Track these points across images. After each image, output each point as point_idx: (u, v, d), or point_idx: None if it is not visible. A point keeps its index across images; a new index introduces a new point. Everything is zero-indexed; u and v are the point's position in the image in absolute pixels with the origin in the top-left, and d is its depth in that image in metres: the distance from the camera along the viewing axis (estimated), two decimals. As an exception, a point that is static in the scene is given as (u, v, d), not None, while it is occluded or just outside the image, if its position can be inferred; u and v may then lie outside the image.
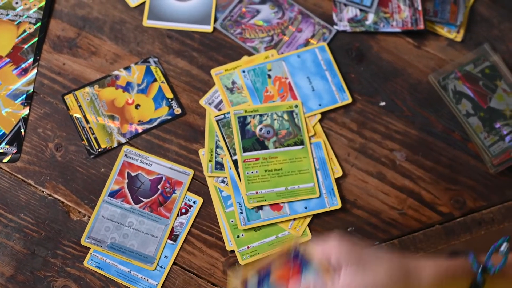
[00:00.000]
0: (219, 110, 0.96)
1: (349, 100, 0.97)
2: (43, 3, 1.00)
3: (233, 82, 0.97)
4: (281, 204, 0.91)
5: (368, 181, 0.95)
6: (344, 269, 0.72)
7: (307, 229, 0.91)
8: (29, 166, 0.93)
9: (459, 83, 0.99)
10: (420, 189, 0.95)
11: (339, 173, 0.94)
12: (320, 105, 0.97)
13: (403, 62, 1.00)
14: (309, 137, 0.94)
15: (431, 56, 1.01)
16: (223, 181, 0.92)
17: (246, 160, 0.91)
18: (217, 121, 0.93)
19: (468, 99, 0.99)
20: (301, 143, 0.93)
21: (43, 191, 0.92)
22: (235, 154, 0.92)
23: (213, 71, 0.97)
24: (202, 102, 0.96)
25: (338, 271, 0.72)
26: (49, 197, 0.91)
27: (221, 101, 0.96)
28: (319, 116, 0.96)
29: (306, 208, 0.91)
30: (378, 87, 0.99)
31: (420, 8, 1.01)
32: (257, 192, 0.91)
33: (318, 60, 0.99)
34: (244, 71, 0.97)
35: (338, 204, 0.92)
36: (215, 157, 0.93)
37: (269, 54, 0.99)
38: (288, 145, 0.93)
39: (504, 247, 0.76)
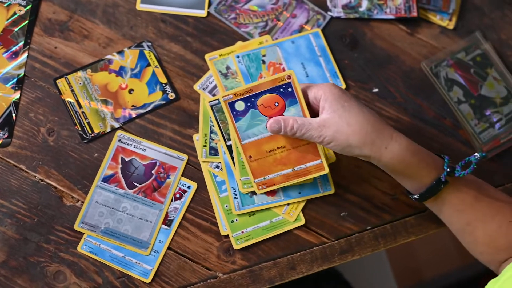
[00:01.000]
0: (213, 95, 0.95)
1: (342, 86, 0.97)
2: (33, -15, 0.98)
3: (227, 68, 0.96)
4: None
5: (361, 166, 0.95)
6: (326, 110, 0.80)
7: (301, 214, 0.92)
8: (21, 151, 0.91)
9: (451, 71, 1.00)
10: (412, 175, 0.96)
11: (332, 158, 0.94)
12: (313, 91, 0.96)
13: (396, 49, 1.01)
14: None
15: (424, 44, 1.01)
16: (217, 166, 0.92)
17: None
18: (211, 106, 0.93)
19: (460, 86, 0.99)
20: None
21: (35, 176, 0.91)
22: (229, 139, 0.91)
23: (207, 56, 0.97)
24: (196, 87, 0.95)
25: (321, 112, 0.81)
26: (42, 182, 0.90)
27: (215, 86, 0.96)
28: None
29: (299, 193, 0.92)
30: (372, 74, 0.99)
31: (413, -5, 1.01)
32: (251, 177, 0.91)
33: (312, 46, 0.99)
34: (238, 56, 0.96)
35: (331, 190, 0.93)
36: (209, 142, 0.92)
37: (263, 39, 0.98)
38: None
39: (476, 156, 0.81)
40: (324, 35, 0.99)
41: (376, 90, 0.98)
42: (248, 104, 0.85)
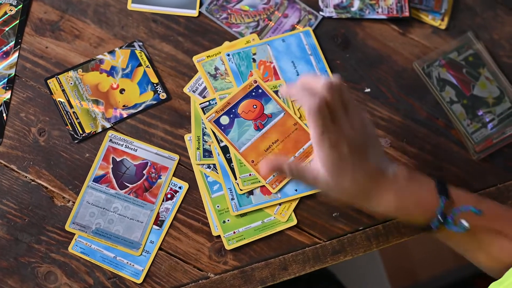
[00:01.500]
0: (204, 97, 0.95)
1: None
2: (24, -15, 0.98)
3: (216, 68, 0.96)
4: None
5: (353, 167, 0.95)
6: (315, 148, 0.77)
7: (293, 214, 0.91)
8: (12, 151, 0.91)
9: (443, 71, 1.00)
10: (404, 175, 0.95)
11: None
12: (304, 90, 0.96)
13: (388, 49, 1.00)
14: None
15: (416, 44, 1.01)
16: (208, 166, 0.91)
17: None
18: (202, 108, 0.92)
19: (452, 86, 0.99)
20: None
21: (26, 177, 0.90)
22: (222, 140, 0.91)
23: (195, 58, 0.96)
24: (186, 90, 0.95)
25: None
26: (33, 183, 0.90)
27: (205, 88, 0.95)
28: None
29: (296, 190, 0.91)
30: (363, 74, 0.99)
31: (405, -5, 1.01)
32: (250, 175, 0.90)
33: (303, 45, 0.98)
34: (228, 55, 0.96)
35: (327, 186, 0.92)
36: (203, 145, 0.92)
37: (250, 38, 0.98)
38: None
39: (465, 222, 0.78)
40: (315, 35, 0.99)
41: (368, 90, 0.98)
42: (231, 115, 0.92)
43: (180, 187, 0.91)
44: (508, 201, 0.96)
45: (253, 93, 0.92)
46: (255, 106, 0.92)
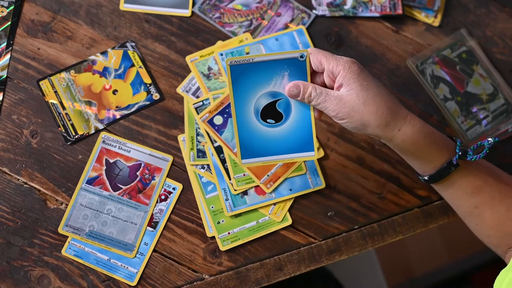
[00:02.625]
0: (197, 97, 0.91)
1: None
2: (16, -14, 0.94)
3: (209, 68, 0.92)
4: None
5: (348, 165, 0.91)
6: (344, 87, 0.75)
7: (288, 214, 0.88)
8: (4, 154, 0.87)
9: (437, 68, 0.96)
10: (398, 173, 0.92)
11: (320, 153, 0.90)
12: (297, 89, 0.93)
13: (381, 47, 0.97)
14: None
15: (409, 41, 0.98)
16: (202, 167, 0.88)
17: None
18: (195, 108, 0.89)
19: (446, 83, 0.96)
20: None
21: (18, 179, 0.87)
22: (216, 140, 0.88)
23: (188, 58, 0.93)
24: (179, 90, 0.91)
25: (338, 88, 0.76)
26: (25, 185, 0.86)
27: (198, 88, 0.92)
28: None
29: (290, 190, 0.88)
30: (357, 72, 0.95)
31: (398, -8, 0.97)
32: (244, 175, 0.87)
33: (296, 43, 0.95)
34: (222, 54, 0.92)
35: (322, 184, 0.89)
36: (197, 145, 0.88)
37: (243, 37, 0.94)
38: None
39: (490, 141, 0.76)
40: (309, 33, 0.96)
41: (362, 88, 0.95)
42: (225, 115, 0.88)
43: (174, 188, 0.88)
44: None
45: None
46: None
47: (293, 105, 0.80)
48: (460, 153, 0.76)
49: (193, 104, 0.89)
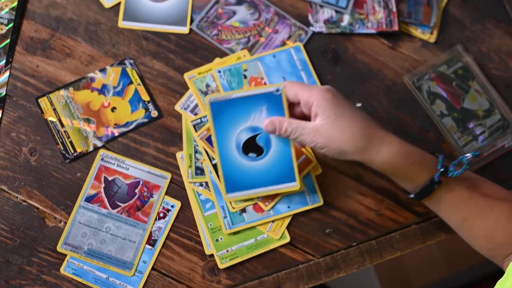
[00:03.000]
0: (195, 114, 0.91)
1: None
2: (15, 3, 0.93)
3: (207, 85, 0.92)
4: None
5: (345, 182, 0.91)
6: (319, 117, 0.76)
7: (286, 232, 0.87)
8: (3, 171, 0.87)
9: (433, 84, 0.96)
10: (396, 190, 0.91)
11: (318, 170, 0.90)
12: (296, 104, 0.92)
13: (378, 63, 0.97)
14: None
15: (406, 57, 0.98)
16: (201, 184, 0.88)
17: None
18: (194, 125, 0.89)
19: (442, 99, 0.96)
20: None
21: (17, 197, 0.86)
22: (214, 158, 0.87)
23: (186, 75, 0.92)
24: (178, 107, 0.91)
25: (314, 117, 0.77)
26: (24, 203, 0.86)
27: (196, 105, 0.91)
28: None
29: (289, 207, 0.87)
30: (354, 88, 0.95)
31: (394, 9, 0.97)
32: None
33: (293, 60, 0.95)
34: (220, 71, 0.92)
35: (320, 201, 0.88)
36: (195, 162, 0.88)
37: (241, 54, 0.94)
38: None
39: (468, 156, 0.77)
40: (306, 50, 0.95)
41: (359, 104, 0.94)
42: None
43: (172, 206, 0.87)
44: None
45: None
46: None
47: (272, 138, 0.83)
48: (442, 169, 0.77)
49: (191, 121, 0.89)
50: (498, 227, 0.79)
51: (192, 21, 0.95)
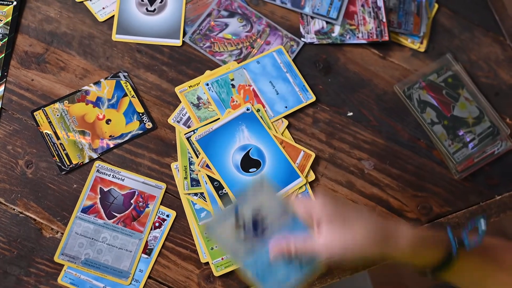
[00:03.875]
0: (188, 127, 0.95)
1: (313, 98, 0.98)
2: (9, 18, 0.98)
3: (199, 98, 0.96)
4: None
5: (338, 190, 0.96)
6: (325, 225, 0.73)
7: (280, 240, 0.92)
8: None
9: (424, 93, 1.01)
10: (388, 197, 0.96)
11: (311, 176, 0.94)
12: (286, 107, 0.97)
13: (369, 73, 1.02)
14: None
15: (396, 67, 1.03)
16: (195, 194, 0.92)
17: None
18: (187, 138, 0.93)
19: (432, 107, 1.01)
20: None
21: (14, 209, 0.90)
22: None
23: (177, 89, 0.97)
24: (171, 120, 0.95)
25: (319, 227, 0.73)
26: (21, 215, 0.90)
27: (189, 118, 0.96)
28: (286, 122, 0.96)
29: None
30: (346, 98, 1.00)
31: (384, 20, 1.02)
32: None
33: (277, 64, 0.99)
34: (208, 84, 0.97)
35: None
36: (190, 174, 0.92)
37: (230, 65, 0.99)
38: None
39: (482, 225, 0.76)
40: (298, 61, 1.00)
41: (350, 114, 0.99)
42: None
43: (167, 215, 0.91)
44: (491, 219, 0.98)
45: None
46: None
47: (262, 148, 0.90)
48: (455, 240, 0.77)
49: (185, 134, 0.93)
50: None
51: (185, 33, 1.00)
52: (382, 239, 0.74)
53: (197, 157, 0.92)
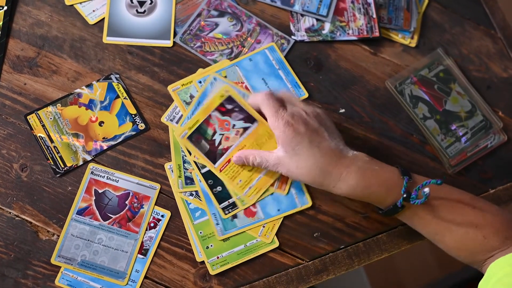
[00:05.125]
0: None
1: (305, 95, 1.04)
2: (0, 23, 1.03)
3: (191, 96, 1.01)
4: (254, 210, 0.96)
5: (332, 187, 1.00)
6: (279, 149, 0.90)
7: (275, 237, 0.97)
8: (-5, 188, 0.96)
9: (415, 88, 1.06)
10: (382, 192, 1.01)
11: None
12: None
13: (360, 69, 1.07)
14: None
15: (387, 62, 1.08)
16: (191, 194, 0.97)
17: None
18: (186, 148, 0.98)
19: (425, 102, 1.05)
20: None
21: (10, 212, 0.95)
22: (204, 166, 0.97)
23: (170, 87, 1.02)
24: (164, 119, 1.00)
25: (277, 143, 0.90)
26: (17, 218, 0.95)
27: (182, 116, 1.01)
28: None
29: (279, 210, 0.97)
30: (337, 95, 1.05)
31: (374, 16, 1.07)
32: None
33: (270, 61, 1.05)
34: (200, 82, 1.02)
35: (308, 203, 0.98)
36: (184, 172, 0.97)
37: (222, 63, 1.04)
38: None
39: (427, 190, 0.85)
40: (289, 59, 1.05)
41: (342, 110, 1.04)
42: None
43: (162, 216, 0.96)
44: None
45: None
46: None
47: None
48: (404, 195, 0.86)
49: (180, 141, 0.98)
50: (468, 237, 0.88)
51: (175, 34, 1.05)
52: (324, 177, 0.88)
53: (190, 154, 0.97)
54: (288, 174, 0.89)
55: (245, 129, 0.95)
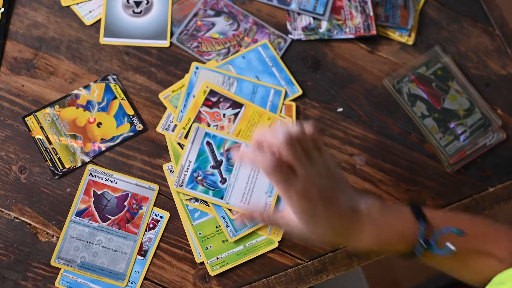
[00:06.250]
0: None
1: (299, 92, 1.07)
2: (-4, 24, 1.06)
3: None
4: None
5: (330, 186, 1.04)
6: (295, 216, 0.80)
7: (275, 238, 1.00)
8: (-7, 190, 0.99)
9: (413, 86, 1.09)
10: (381, 192, 1.04)
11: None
12: (273, 101, 1.07)
13: (358, 68, 1.10)
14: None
15: (385, 61, 1.11)
16: (196, 200, 1.00)
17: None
18: (178, 143, 1.01)
19: (423, 101, 1.09)
20: None
21: (9, 215, 0.98)
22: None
23: (161, 96, 1.05)
24: (159, 129, 1.03)
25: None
26: (16, 220, 0.98)
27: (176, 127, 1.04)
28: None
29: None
30: (335, 94, 1.08)
31: (371, 14, 1.10)
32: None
33: (263, 58, 1.08)
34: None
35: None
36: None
37: (215, 62, 1.07)
38: None
39: (451, 245, 0.80)
40: (286, 58, 1.08)
41: (340, 109, 1.07)
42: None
43: (161, 217, 1.00)
44: (485, 211, 1.06)
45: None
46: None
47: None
48: (424, 245, 0.81)
49: (176, 140, 1.01)
50: (485, 268, 0.86)
51: (172, 34, 1.08)
52: (342, 239, 0.84)
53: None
54: (304, 238, 0.81)
55: (236, 114, 0.99)
